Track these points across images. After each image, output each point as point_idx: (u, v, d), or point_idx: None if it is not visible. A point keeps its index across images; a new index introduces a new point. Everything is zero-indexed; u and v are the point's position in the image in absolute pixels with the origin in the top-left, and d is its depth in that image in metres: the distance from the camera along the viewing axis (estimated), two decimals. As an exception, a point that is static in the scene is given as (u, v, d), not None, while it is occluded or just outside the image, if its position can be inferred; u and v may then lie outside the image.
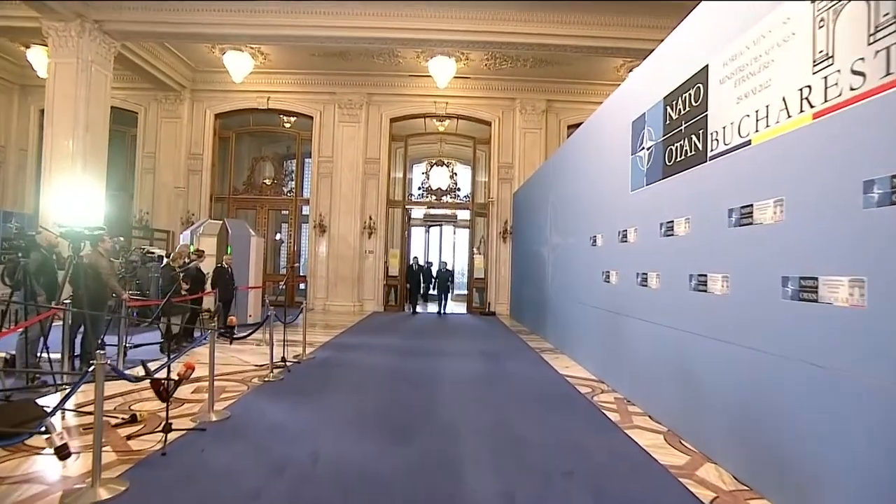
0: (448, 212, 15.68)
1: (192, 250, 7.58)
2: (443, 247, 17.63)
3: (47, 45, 8.62)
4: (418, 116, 12.95)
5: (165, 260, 6.39)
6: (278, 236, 15.02)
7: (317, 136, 12.63)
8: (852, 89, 2.22)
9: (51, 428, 2.39)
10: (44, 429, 2.41)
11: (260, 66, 11.77)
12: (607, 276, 5.34)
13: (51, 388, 4.24)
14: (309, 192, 12.95)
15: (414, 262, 12.54)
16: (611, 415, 4.15)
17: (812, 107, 2.45)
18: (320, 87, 12.45)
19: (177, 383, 3.05)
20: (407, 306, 12.33)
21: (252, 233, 9.67)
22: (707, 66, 3.45)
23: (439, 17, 9.13)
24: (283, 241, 14.76)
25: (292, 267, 12.57)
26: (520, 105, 12.35)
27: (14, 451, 3.04)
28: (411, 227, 15.33)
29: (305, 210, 13.23)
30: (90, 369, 2.50)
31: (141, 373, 3.02)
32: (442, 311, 12.10)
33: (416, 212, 15.76)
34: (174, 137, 12.39)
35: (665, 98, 4.08)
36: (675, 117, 3.91)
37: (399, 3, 8.97)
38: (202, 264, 7.15)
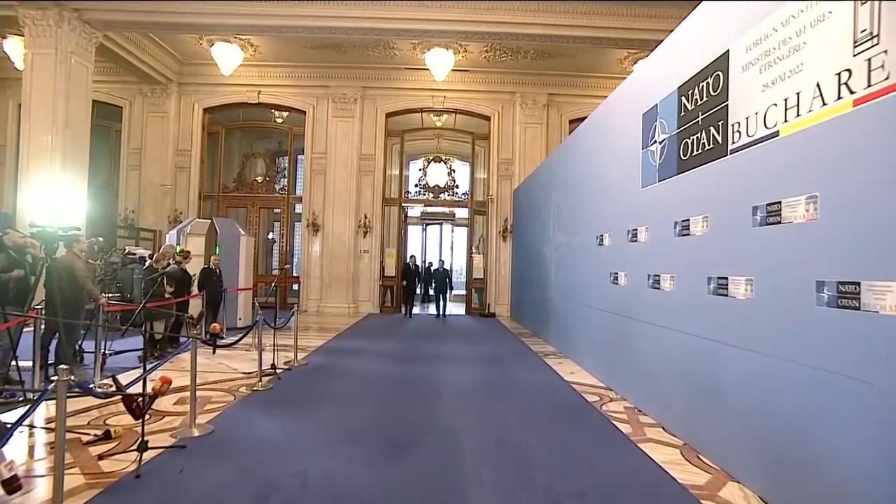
0: (446, 210, 15.48)
1: (178, 251, 7.34)
2: (442, 246, 17.40)
3: (24, 34, 8.34)
4: (415, 111, 12.72)
5: (148, 261, 6.15)
6: (270, 235, 14.78)
7: (310, 131, 12.38)
8: (901, 72, 2.02)
9: (-1, 457, 2.17)
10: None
11: (250, 58, 11.52)
12: (615, 278, 5.14)
13: (20, 401, 4.00)
14: (302, 189, 12.72)
15: (411, 260, 12.25)
16: (621, 426, 3.95)
17: (852, 93, 2.25)
18: (313, 80, 12.21)
19: (152, 399, 2.83)
20: (404, 308, 12.06)
21: (242, 232, 9.44)
22: (728, 51, 3.25)
23: (436, 6, 8.91)
24: (275, 241, 14.52)
25: (283, 268, 12.33)
26: (520, 99, 12.14)
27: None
28: (408, 226, 15.11)
29: (298, 208, 13.00)
30: (51, 386, 2.28)
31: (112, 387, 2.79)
32: (441, 312, 11.82)
33: (413, 210, 15.54)
34: (161, 133, 12.13)
35: (680, 88, 3.88)
36: (691, 108, 3.71)
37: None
38: (188, 265, 6.92)
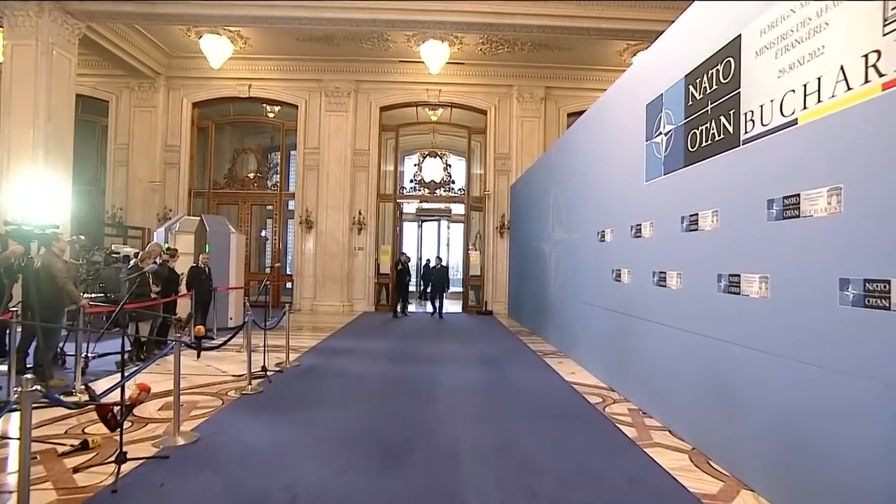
0: (442, 206, 15.30)
1: (165, 249, 7.15)
2: (440, 242, 17.20)
3: (2, 25, 8.08)
4: (410, 105, 12.52)
5: (133, 260, 5.95)
6: (262, 233, 14.56)
7: (302, 126, 12.16)
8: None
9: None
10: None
11: (240, 51, 11.27)
12: (618, 275, 4.99)
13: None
14: (294, 185, 12.50)
15: (402, 257, 11.78)
16: (626, 429, 3.81)
17: (882, 75, 2.10)
18: (305, 73, 11.97)
19: (128, 409, 2.65)
20: (397, 306, 11.75)
21: (232, 229, 9.23)
22: (739, 36, 3.09)
23: (431, -4, 8.71)
24: (268, 238, 14.30)
25: (275, 266, 12.11)
26: (517, 92, 11.95)
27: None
28: (403, 223, 14.92)
29: (291, 205, 12.78)
30: (14, 398, 2.10)
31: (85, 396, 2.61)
32: (437, 312, 11.30)
33: (409, 206, 15.35)
34: (149, 128, 11.87)
35: (687, 76, 3.72)
36: (699, 97, 3.55)
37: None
38: (175, 264, 6.72)
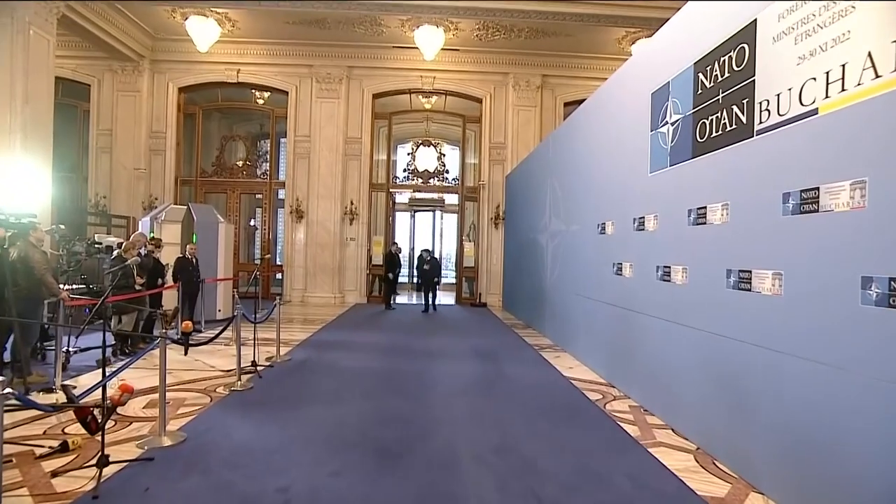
0: (435, 196, 15.13)
1: (151, 238, 6.93)
2: (435, 234, 17.03)
3: (-24, 3, 7.71)
4: (403, 92, 12.28)
5: (116, 251, 5.74)
6: (252, 222, 14.30)
7: (293, 112, 11.88)
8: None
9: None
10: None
11: (228, 34, 10.94)
12: (619, 269, 4.90)
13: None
14: (285, 174, 12.24)
15: (393, 247, 11.43)
16: (628, 428, 3.74)
17: (914, 63, 1.99)
18: (296, 58, 11.67)
19: (110, 411, 2.50)
20: (393, 299, 11.60)
21: (220, 219, 9.01)
22: (755, 21, 2.96)
23: (427, -21, 8.47)
24: (257, 228, 14.05)
25: (265, 257, 11.88)
26: (513, 80, 11.76)
27: None
28: (396, 213, 14.73)
29: (281, 194, 12.53)
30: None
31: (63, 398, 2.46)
32: (430, 306, 10.85)
33: (401, 196, 15.16)
34: (133, 113, 11.51)
35: (696, 63, 3.59)
36: (709, 86, 3.43)
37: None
38: (160, 254, 6.52)
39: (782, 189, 2.69)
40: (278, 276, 12.69)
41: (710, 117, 3.42)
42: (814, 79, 2.50)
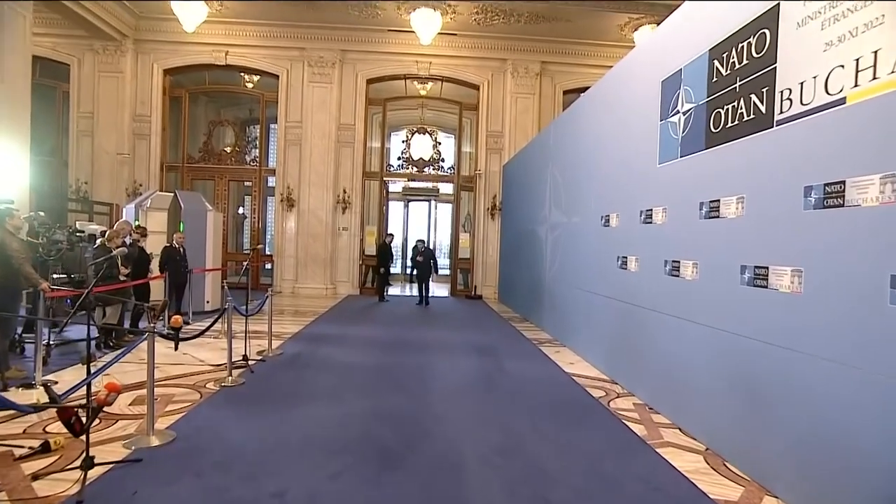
0: (430, 185, 14.99)
1: (136, 227, 6.75)
2: (430, 224, 16.89)
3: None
4: (398, 77, 12.06)
5: (99, 240, 5.56)
6: (240, 211, 14.08)
7: (283, 97, 11.63)
8: None
9: None
10: None
11: (216, 14, 10.63)
12: (624, 263, 4.83)
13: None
14: (275, 161, 12.02)
15: (388, 238, 11.22)
16: (634, 427, 3.70)
17: (957, 50, 1.91)
18: (287, 41, 11.40)
19: (95, 412, 2.39)
20: (387, 289, 11.48)
21: (209, 207, 8.82)
22: (778, 5, 2.86)
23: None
24: (246, 217, 13.84)
25: (256, 248, 11.68)
26: (511, 67, 11.59)
27: None
28: (389, 202, 14.57)
29: (271, 181, 12.33)
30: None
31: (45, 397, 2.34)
32: (423, 299, 10.60)
33: (395, 185, 14.99)
34: (115, 95, 11.18)
35: (712, 50, 3.49)
36: (725, 73, 3.34)
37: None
38: (145, 244, 6.34)
39: (804, 182, 2.62)
40: (268, 266, 12.52)
41: (725, 106, 3.33)
42: (842, 66, 2.41)
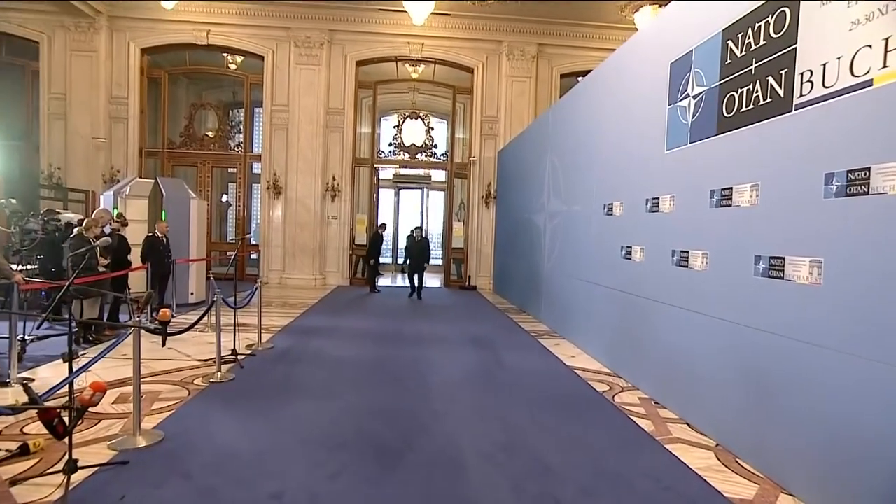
0: (422, 172, 14.83)
1: (116, 215, 6.56)
2: (423, 212, 16.74)
3: None
4: (389, 60, 11.83)
5: (77, 228, 5.38)
6: (224, 198, 13.82)
7: (269, 80, 11.35)
8: None
9: None
10: None
11: (196, -11, 10.32)
12: (628, 252, 4.79)
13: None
14: (261, 146, 11.78)
15: (381, 229, 11.09)
16: (641, 422, 3.68)
17: None
18: (272, 20, 11.09)
19: (79, 413, 2.28)
20: (378, 280, 11.35)
21: (192, 194, 8.63)
22: (799, -18, 2.79)
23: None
24: (231, 205, 13.60)
25: (243, 238, 11.47)
26: (507, 49, 11.43)
27: None
28: (380, 189, 14.41)
29: (257, 168, 12.10)
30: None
31: (23, 397, 2.23)
32: (416, 292, 10.22)
33: (386, 172, 14.82)
34: (89, 76, 10.82)
35: (725, 30, 3.42)
36: (740, 55, 3.26)
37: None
38: (125, 232, 6.16)
39: (825, 169, 2.57)
40: (254, 256, 12.33)
41: (739, 90, 3.26)
42: (869, 46, 2.35)
